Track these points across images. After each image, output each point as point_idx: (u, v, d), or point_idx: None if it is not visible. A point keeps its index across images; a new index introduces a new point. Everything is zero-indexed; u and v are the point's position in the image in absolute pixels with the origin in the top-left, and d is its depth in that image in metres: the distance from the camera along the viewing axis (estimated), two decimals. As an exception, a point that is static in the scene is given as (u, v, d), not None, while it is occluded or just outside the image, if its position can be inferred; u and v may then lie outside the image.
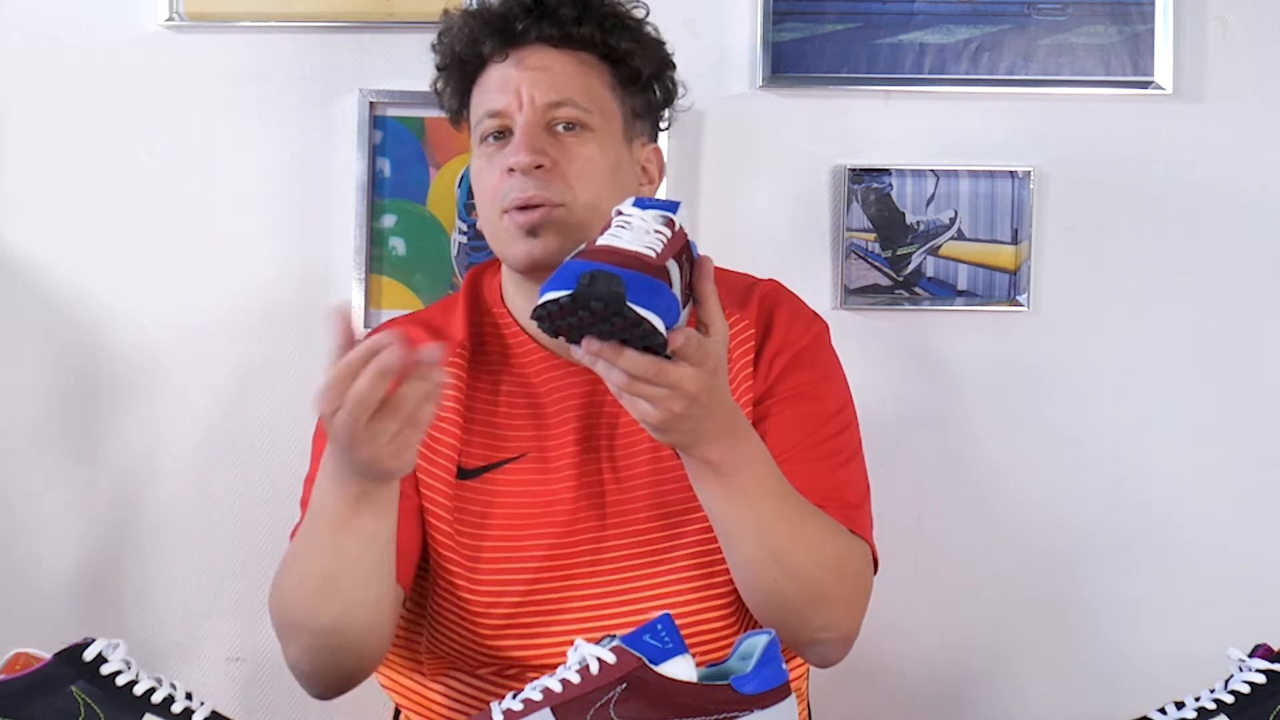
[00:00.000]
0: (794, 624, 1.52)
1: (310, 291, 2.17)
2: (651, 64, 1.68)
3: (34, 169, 2.17)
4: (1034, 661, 2.20)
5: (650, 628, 1.28)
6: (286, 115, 2.17)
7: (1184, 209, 2.19)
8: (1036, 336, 2.19)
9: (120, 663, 1.35)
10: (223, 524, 2.18)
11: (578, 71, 1.63)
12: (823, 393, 1.65)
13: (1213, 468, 2.20)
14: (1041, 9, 2.17)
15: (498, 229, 1.62)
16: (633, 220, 1.35)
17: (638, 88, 1.68)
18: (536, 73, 1.61)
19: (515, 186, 1.59)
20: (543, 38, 1.62)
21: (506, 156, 1.60)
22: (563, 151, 1.60)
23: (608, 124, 1.64)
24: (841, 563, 1.55)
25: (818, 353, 1.68)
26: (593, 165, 1.61)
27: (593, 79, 1.64)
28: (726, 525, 1.49)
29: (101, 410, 2.17)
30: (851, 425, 1.67)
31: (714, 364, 1.36)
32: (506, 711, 1.27)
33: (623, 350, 1.32)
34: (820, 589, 1.52)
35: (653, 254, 1.31)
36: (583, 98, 1.62)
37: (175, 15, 2.15)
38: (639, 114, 1.68)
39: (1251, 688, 1.36)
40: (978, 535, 2.20)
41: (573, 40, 1.63)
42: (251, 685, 2.18)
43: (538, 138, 1.59)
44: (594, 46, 1.64)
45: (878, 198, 2.17)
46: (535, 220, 1.58)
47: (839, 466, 1.62)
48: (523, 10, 1.62)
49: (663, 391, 1.35)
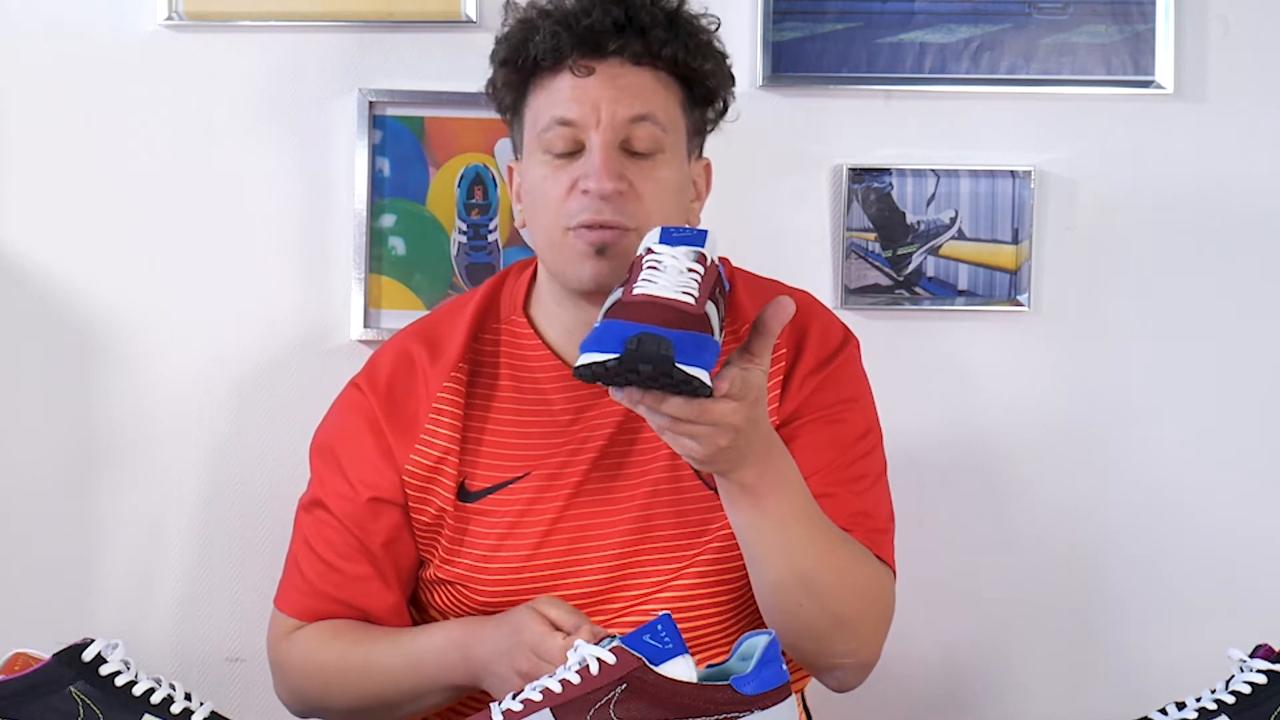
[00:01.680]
0: (816, 649, 1.53)
1: (310, 291, 2.17)
2: (722, 83, 1.66)
3: (34, 169, 2.16)
4: (1035, 662, 2.20)
5: (650, 628, 1.27)
6: (286, 115, 2.17)
7: (1184, 208, 2.19)
8: (1036, 336, 2.19)
9: (119, 663, 1.35)
10: (222, 524, 2.18)
11: (656, 89, 1.60)
12: (851, 415, 1.65)
13: (1213, 467, 2.19)
14: (1042, 8, 2.16)
15: (559, 244, 1.58)
16: (664, 260, 1.33)
17: (704, 105, 1.65)
18: (619, 90, 1.57)
19: (588, 208, 1.55)
20: (629, 54, 1.58)
21: (576, 173, 1.56)
22: (639, 174, 1.57)
23: (677, 143, 1.61)
24: (867, 589, 1.55)
25: (848, 373, 1.67)
26: (664, 189, 1.59)
27: (669, 97, 1.61)
28: (755, 548, 1.48)
29: (100, 410, 2.17)
30: (878, 448, 1.67)
31: (756, 394, 1.36)
32: (506, 712, 1.27)
33: (666, 398, 1.31)
34: (844, 615, 1.52)
35: (691, 300, 1.29)
36: (662, 116, 1.59)
37: (175, 15, 2.14)
38: (699, 129, 1.66)
39: (1252, 688, 1.36)
40: (978, 535, 2.20)
41: (656, 58, 1.59)
42: (251, 685, 2.17)
43: (617, 160, 1.56)
44: (675, 66, 1.60)
45: (878, 197, 2.17)
46: (607, 240, 1.55)
47: (865, 490, 1.62)
48: (615, 26, 1.57)
49: (707, 429, 1.34)
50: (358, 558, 1.64)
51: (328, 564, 1.66)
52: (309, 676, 1.64)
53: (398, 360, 1.69)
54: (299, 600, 1.68)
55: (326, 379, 2.12)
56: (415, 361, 1.67)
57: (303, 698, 1.66)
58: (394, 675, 1.57)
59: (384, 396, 1.66)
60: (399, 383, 1.67)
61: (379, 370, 1.69)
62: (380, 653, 1.59)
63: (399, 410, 1.65)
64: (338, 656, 1.62)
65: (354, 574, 1.65)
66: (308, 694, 1.65)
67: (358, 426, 1.66)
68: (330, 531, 1.66)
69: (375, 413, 1.66)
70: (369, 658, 1.59)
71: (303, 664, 1.65)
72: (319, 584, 1.66)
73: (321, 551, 1.66)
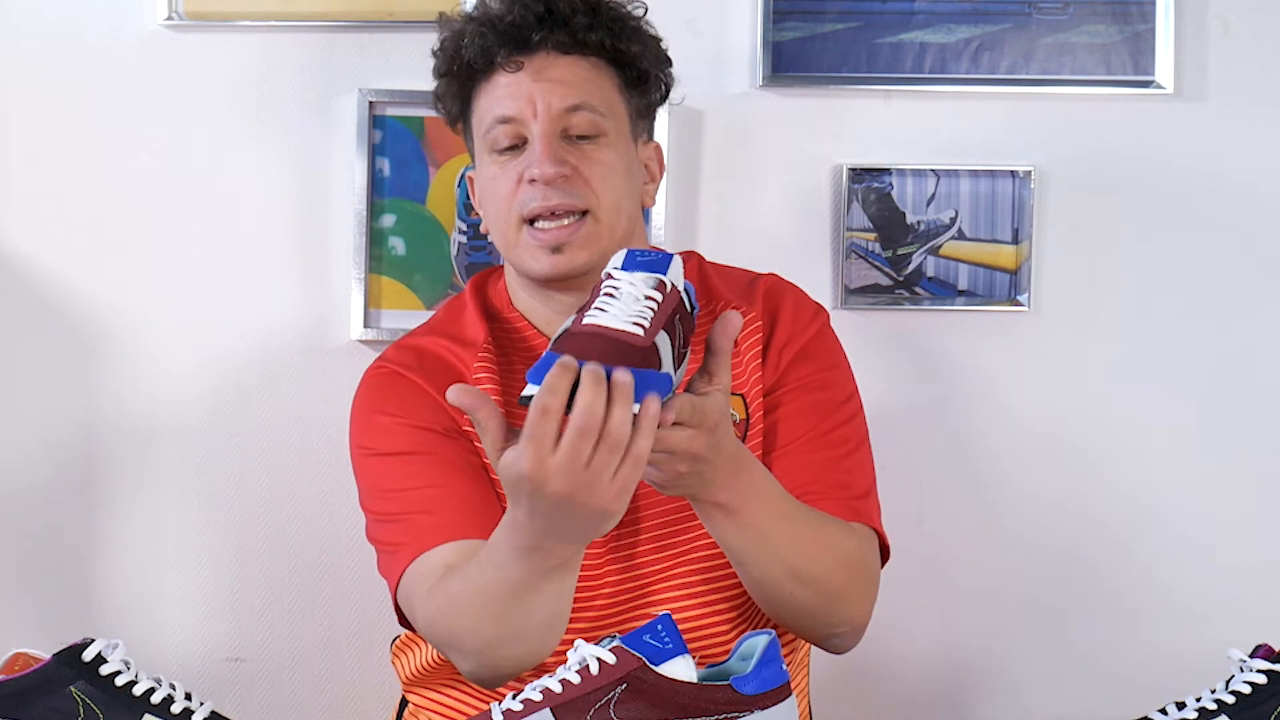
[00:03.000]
0: (811, 625, 1.56)
1: (310, 291, 2.17)
2: (656, 63, 1.69)
3: (34, 169, 2.16)
4: (1034, 662, 2.20)
5: (650, 628, 1.27)
6: (286, 115, 2.17)
7: (1185, 208, 2.19)
8: (1036, 336, 2.19)
9: (119, 663, 1.35)
10: (223, 524, 2.18)
11: (590, 76, 1.63)
12: (829, 382, 1.66)
13: (1213, 467, 2.19)
14: (1042, 8, 2.16)
15: (514, 240, 1.61)
16: (621, 287, 1.32)
17: (643, 88, 1.68)
18: (550, 82, 1.61)
19: (536, 196, 1.59)
20: (555, 45, 1.62)
21: (521, 166, 1.60)
22: (582, 158, 1.60)
23: (619, 127, 1.64)
24: (851, 561, 1.56)
25: (823, 343, 1.69)
26: (610, 169, 1.62)
27: (604, 82, 1.64)
28: (738, 554, 1.49)
29: (100, 410, 2.17)
30: (858, 414, 1.68)
31: (715, 420, 1.34)
32: (506, 712, 1.27)
33: None
34: (835, 590, 1.54)
35: (640, 331, 1.28)
36: (597, 101, 1.62)
37: (175, 15, 2.14)
38: (642, 113, 1.69)
39: (1252, 688, 1.36)
40: (978, 535, 2.20)
41: (584, 46, 1.63)
42: (251, 685, 2.18)
43: (558, 147, 1.60)
44: (603, 51, 1.64)
45: (878, 197, 2.17)
46: (562, 238, 1.58)
47: (846, 455, 1.63)
48: (536, 19, 1.61)
49: (663, 457, 1.34)
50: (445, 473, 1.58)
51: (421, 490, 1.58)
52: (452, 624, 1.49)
53: (415, 352, 1.67)
54: (418, 538, 1.55)
55: (326, 379, 2.13)
56: (440, 352, 1.66)
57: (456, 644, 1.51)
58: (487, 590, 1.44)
59: (417, 369, 1.64)
60: (428, 361, 1.65)
61: (401, 358, 1.67)
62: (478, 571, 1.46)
63: (441, 375, 1.62)
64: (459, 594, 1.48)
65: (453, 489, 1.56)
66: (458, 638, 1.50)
67: (406, 387, 1.63)
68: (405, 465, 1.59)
69: (417, 381, 1.63)
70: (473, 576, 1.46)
71: (445, 612, 1.50)
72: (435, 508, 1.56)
73: (411, 484, 1.58)
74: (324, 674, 2.16)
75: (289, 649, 2.18)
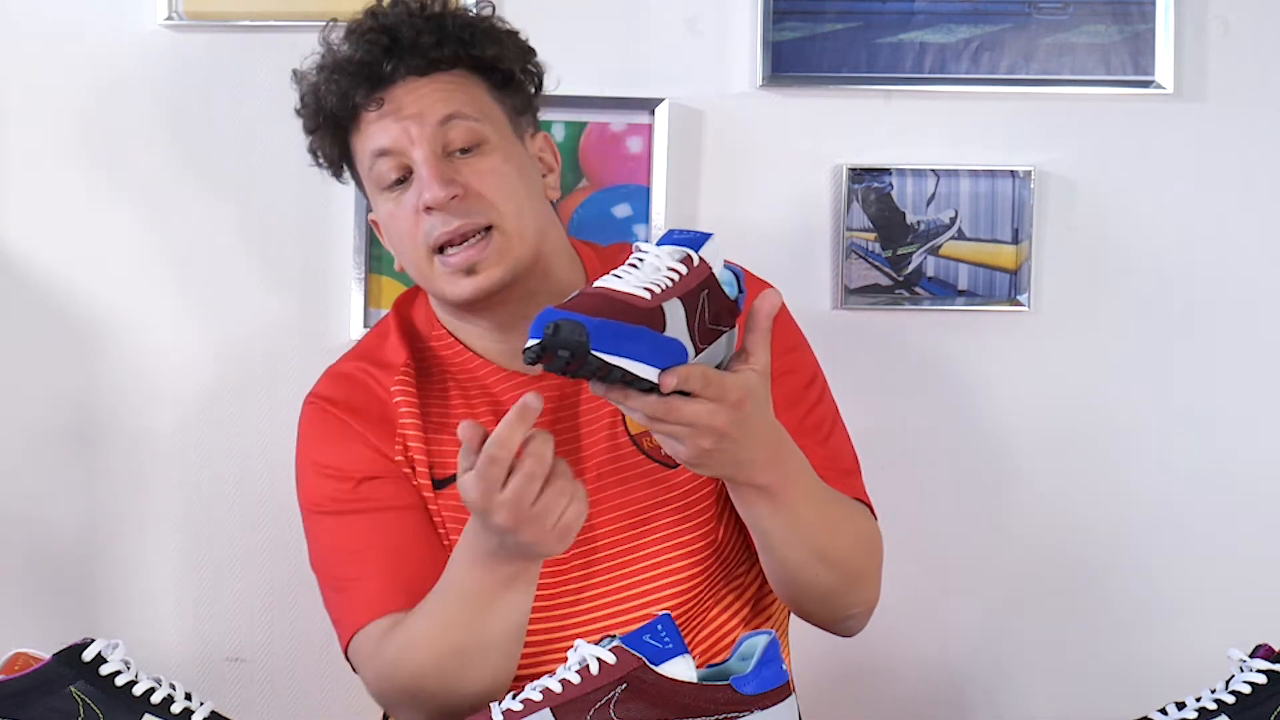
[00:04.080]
0: (831, 608, 1.58)
1: (310, 291, 2.17)
2: (518, 59, 1.67)
3: (34, 169, 2.16)
4: (1034, 662, 2.20)
5: (650, 628, 1.28)
6: (286, 115, 2.15)
7: (1185, 209, 2.19)
8: (1036, 336, 2.19)
9: (119, 663, 1.35)
10: (223, 524, 2.18)
11: (453, 88, 1.61)
12: (793, 365, 1.66)
13: (1213, 467, 2.19)
14: (1042, 8, 2.16)
15: (428, 272, 1.60)
16: (646, 259, 1.34)
17: (512, 86, 1.66)
18: (416, 106, 1.59)
19: (437, 224, 1.57)
20: (410, 70, 1.60)
21: (414, 195, 1.58)
22: (471, 173, 1.58)
23: (499, 130, 1.62)
24: (870, 540, 1.60)
25: (781, 324, 1.67)
26: (502, 176, 1.60)
27: (471, 90, 1.62)
28: (772, 537, 1.49)
29: (100, 410, 2.17)
30: (826, 392, 1.69)
31: (738, 396, 1.34)
32: (506, 712, 1.27)
33: (627, 392, 1.31)
34: (856, 570, 1.57)
35: (646, 295, 1.29)
36: (469, 109, 1.60)
37: (174, 15, 2.14)
38: (520, 110, 1.67)
39: (1252, 688, 1.36)
40: (978, 535, 2.20)
41: (438, 64, 1.61)
42: (251, 685, 2.18)
43: (443, 167, 1.58)
44: (460, 62, 1.62)
45: (878, 197, 2.17)
46: (472, 259, 1.57)
47: (826, 437, 1.64)
48: (384, 52, 1.59)
49: (683, 429, 1.34)
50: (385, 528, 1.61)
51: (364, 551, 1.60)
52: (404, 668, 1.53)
53: (343, 381, 1.69)
54: (365, 606, 1.58)
55: (326, 379, 2.12)
56: (361, 376, 1.68)
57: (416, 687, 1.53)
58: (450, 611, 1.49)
59: (345, 406, 1.66)
60: (356, 394, 1.67)
61: (328, 391, 1.69)
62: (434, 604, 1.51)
63: (368, 412, 1.65)
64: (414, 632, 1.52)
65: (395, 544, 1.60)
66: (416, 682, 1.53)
67: (336, 429, 1.65)
68: (349, 525, 1.62)
69: (344, 418, 1.65)
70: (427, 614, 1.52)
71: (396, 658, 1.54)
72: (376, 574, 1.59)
73: (355, 545, 1.61)
74: (324, 674, 2.15)
75: (289, 649, 2.18)
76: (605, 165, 2.15)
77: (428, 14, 1.62)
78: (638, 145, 2.16)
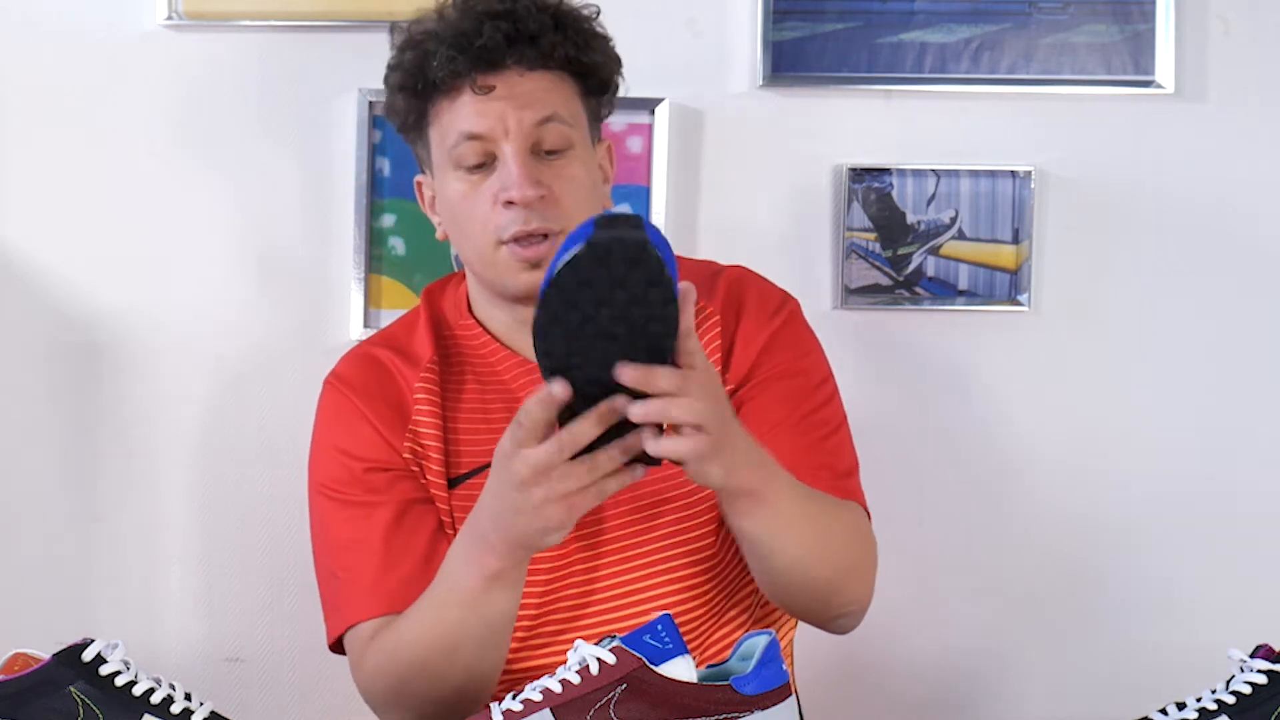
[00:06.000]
0: (824, 606, 1.58)
1: (310, 292, 2.17)
2: (616, 68, 1.68)
3: (34, 169, 2.16)
4: (1034, 662, 2.20)
5: (650, 628, 1.27)
6: (286, 115, 2.17)
7: (1185, 209, 2.19)
8: (1036, 336, 2.19)
9: (119, 663, 1.35)
10: (222, 524, 2.18)
11: (554, 88, 1.62)
12: (804, 369, 1.66)
13: (1213, 467, 2.20)
14: (1042, 8, 2.16)
15: (492, 258, 1.60)
16: None
17: (603, 94, 1.68)
18: (520, 98, 1.59)
19: (516, 219, 1.57)
20: (522, 62, 1.60)
21: (495, 185, 1.59)
22: (555, 177, 1.59)
23: (582, 136, 1.64)
24: (860, 534, 1.60)
25: (793, 332, 1.68)
26: (580, 185, 1.61)
27: (567, 93, 1.63)
28: (761, 545, 1.49)
29: (100, 410, 2.17)
30: (835, 397, 1.68)
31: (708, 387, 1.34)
32: (506, 712, 1.27)
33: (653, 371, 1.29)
34: (850, 565, 1.57)
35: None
36: (565, 112, 1.61)
37: (174, 14, 2.14)
38: (598, 117, 1.69)
39: (1253, 688, 1.36)
40: (978, 535, 2.20)
41: (549, 60, 1.61)
42: (251, 685, 2.18)
43: (533, 167, 1.58)
44: (568, 64, 1.62)
45: (878, 197, 2.17)
46: (542, 253, 1.58)
47: (826, 437, 1.64)
48: (505, 40, 1.59)
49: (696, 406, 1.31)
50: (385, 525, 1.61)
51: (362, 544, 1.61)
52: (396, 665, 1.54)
53: (366, 364, 1.70)
54: (358, 604, 1.60)
55: (326, 379, 2.12)
56: (386, 363, 1.68)
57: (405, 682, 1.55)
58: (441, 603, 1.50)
59: (362, 391, 1.67)
60: (373, 380, 1.68)
61: (350, 374, 1.70)
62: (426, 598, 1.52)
63: (384, 400, 1.66)
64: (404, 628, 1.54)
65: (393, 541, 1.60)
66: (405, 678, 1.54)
67: (352, 416, 1.66)
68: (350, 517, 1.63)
69: (360, 406, 1.66)
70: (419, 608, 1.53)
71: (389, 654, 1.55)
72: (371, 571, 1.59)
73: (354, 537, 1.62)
74: (324, 674, 2.15)
75: (289, 649, 2.18)
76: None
77: (550, 9, 1.63)
78: (638, 145, 2.16)
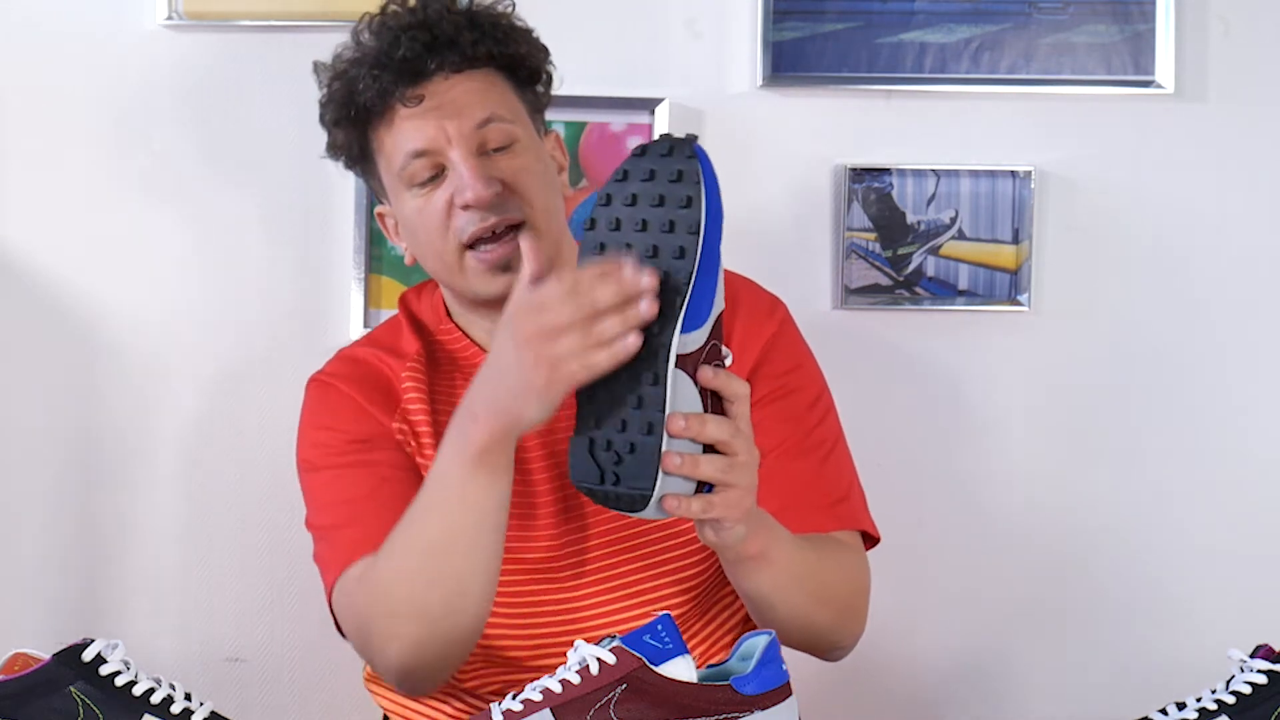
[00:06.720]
0: (822, 644, 1.58)
1: (309, 291, 2.17)
2: (543, 58, 1.68)
3: (33, 169, 2.16)
4: (1034, 662, 2.20)
5: (650, 628, 1.27)
6: (285, 115, 2.17)
7: (1185, 208, 2.19)
8: (1036, 336, 2.19)
9: (119, 663, 1.35)
10: (222, 524, 2.18)
11: (486, 87, 1.62)
12: (798, 384, 1.65)
13: (1213, 467, 2.20)
14: (1042, 8, 2.16)
15: (459, 266, 1.60)
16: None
17: (535, 84, 1.68)
18: (454, 105, 1.59)
19: (473, 220, 1.57)
20: (447, 67, 1.60)
21: (448, 192, 1.58)
22: (507, 169, 1.59)
23: (526, 129, 1.63)
24: (857, 573, 1.60)
25: (784, 341, 1.67)
26: (534, 173, 1.61)
27: (501, 90, 1.63)
28: (764, 600, 1.50)
29: (100, 410, 2.17)
30: (830, 411, 1.68)
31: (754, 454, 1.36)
32: (506, 712, 1.27)
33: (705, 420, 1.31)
34: (848, 605, 1.58)
35: None
36: (503, 110, 1.61)
37: (174, 14, 2.14)
38: (538, 109, 1.69)
39: (1253, 688, 1.36)
40: (978, 536, 2.20)
41: (474, 61, 1.61)
42: (251, 685, 2.18)
43: (482, 165, 1.58)
44: (493, 60, 1.63)
45: (878, 197, 2.17)
46: (506, 255, 1.57)
47: (824, 459, 1.63)
48: (425, 49, 1.59)
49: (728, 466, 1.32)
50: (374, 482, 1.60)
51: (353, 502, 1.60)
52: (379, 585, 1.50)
53: (351, 361, 1.71)
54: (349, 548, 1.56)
55: (326, 379, 2.12)
56: (371, 359, 1.69)
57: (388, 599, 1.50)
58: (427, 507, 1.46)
59: (348, 379, 1.67)
60: (360, 371, 1.68)
61: (335, 369, 1.71)
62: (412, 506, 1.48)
63: (373, 386, 1.66)
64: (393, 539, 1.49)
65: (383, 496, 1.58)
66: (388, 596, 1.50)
67: (338, 398, 1.66)
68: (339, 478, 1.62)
69: (349, 391, 1.66)
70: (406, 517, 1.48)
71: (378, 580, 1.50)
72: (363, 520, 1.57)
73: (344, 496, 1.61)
74: (324, 674, 2.16)
75: (289, 649, 2.18)
76: (606, 165, 2.15)
77: (463, 11, 1.63)
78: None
